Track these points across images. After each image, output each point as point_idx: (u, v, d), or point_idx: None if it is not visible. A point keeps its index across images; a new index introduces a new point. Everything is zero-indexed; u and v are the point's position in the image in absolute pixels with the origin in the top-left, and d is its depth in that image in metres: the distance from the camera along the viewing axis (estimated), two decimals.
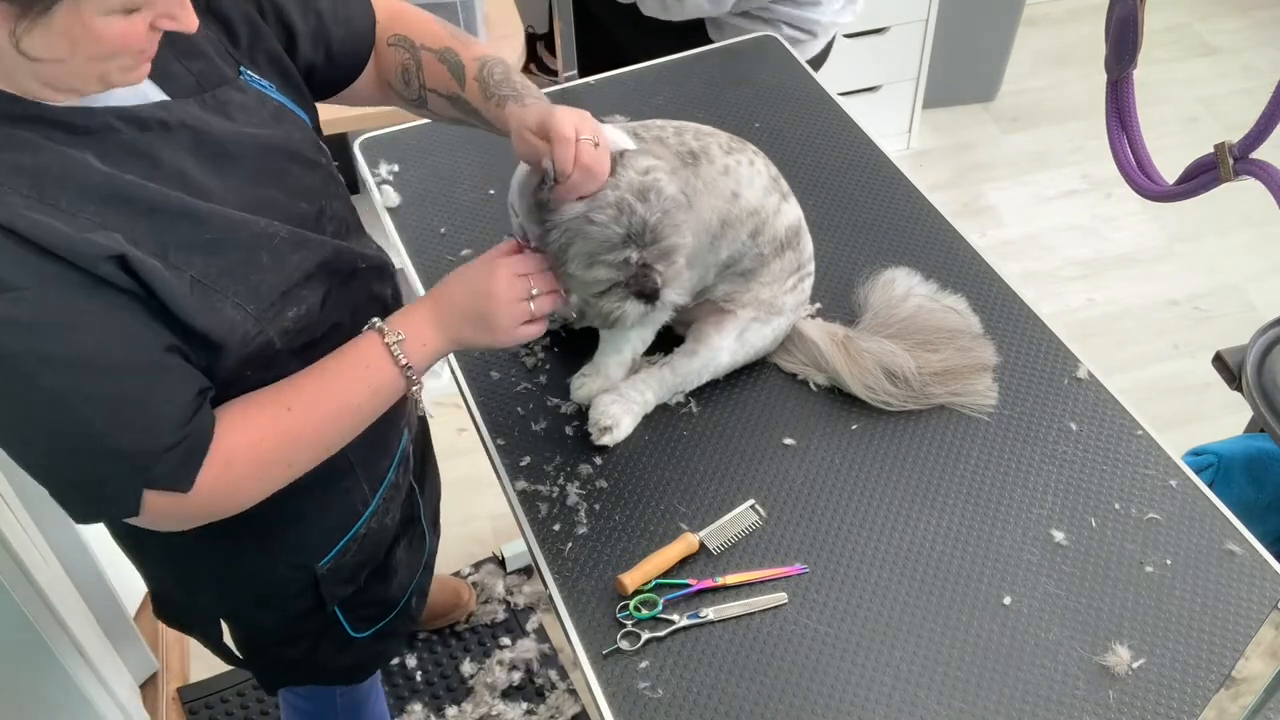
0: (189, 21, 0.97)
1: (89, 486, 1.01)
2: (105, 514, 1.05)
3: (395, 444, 1.34)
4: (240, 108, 1.10)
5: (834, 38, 2.24)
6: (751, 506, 1.37)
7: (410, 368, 1.12)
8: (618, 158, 1.17)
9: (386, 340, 1.11)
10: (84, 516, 1.04)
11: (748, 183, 1.38)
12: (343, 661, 1.44)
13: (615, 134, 1.26)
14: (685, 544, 1.32)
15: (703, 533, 1.34)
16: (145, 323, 0.98)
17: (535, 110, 1.16)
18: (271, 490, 1.10)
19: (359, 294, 1.20)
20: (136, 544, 1.31)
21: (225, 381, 1.07)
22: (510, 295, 1.14)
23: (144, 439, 0.99)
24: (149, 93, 1.04)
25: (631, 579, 1.28)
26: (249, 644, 1.40)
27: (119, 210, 0.97)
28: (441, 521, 1.59)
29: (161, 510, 1.03)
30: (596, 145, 1.13)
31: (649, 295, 1.19)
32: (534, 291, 1.15)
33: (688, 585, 1.30)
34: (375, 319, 1.14)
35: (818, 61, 2.22)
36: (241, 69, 1.13)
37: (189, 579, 1.31)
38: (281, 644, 1.39)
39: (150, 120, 1.02)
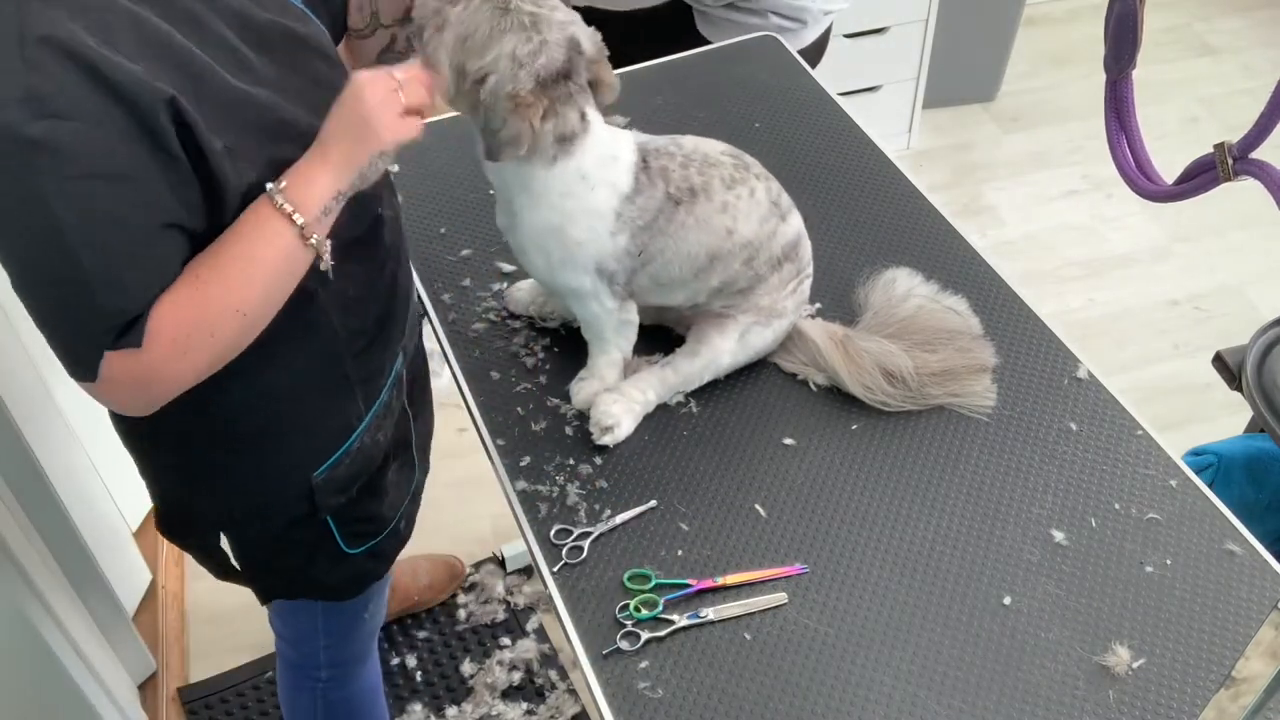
0: None
1: (60, 335, 1.05)
2: (74, 364, 1.06)
3: (390, 364, 1.38)
4: (272, 3, 1.17)
5: (829, 29, 2.23)
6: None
7: (296, 213, 1.09)
8: None
9: (272, 198, 1.10)
10: (66, 367, 1.07)
11: (745, 216, 1.38)
12: (335, 577, 1.48)
13: (625, 144, 1.30)
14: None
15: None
16: (170, 187, 1.02)
17: None
18: (202, 363, 1.10)
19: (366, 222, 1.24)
20: (147, 449, 1.34)
21: None
22: (377, 92, 1.14)
23: (123, 300, 1.03)
24: None
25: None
26: (245, 556, 1.44)
27: (169, 68, 1.01)
28: (441, 521, 1.59)
29: (120, 372, 1.06)
30: None
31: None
32: (400, 78, 1.15)
33: (688, 585, 1.30)
34: (269, 185, 1.11)
35: (814, 53, 2.20)
36: None
37: (193, 484, 1.35)
38: (277, 555, 1.43)
39: None
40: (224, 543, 1.42)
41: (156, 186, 1.02)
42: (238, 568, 1.46)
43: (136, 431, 1.33)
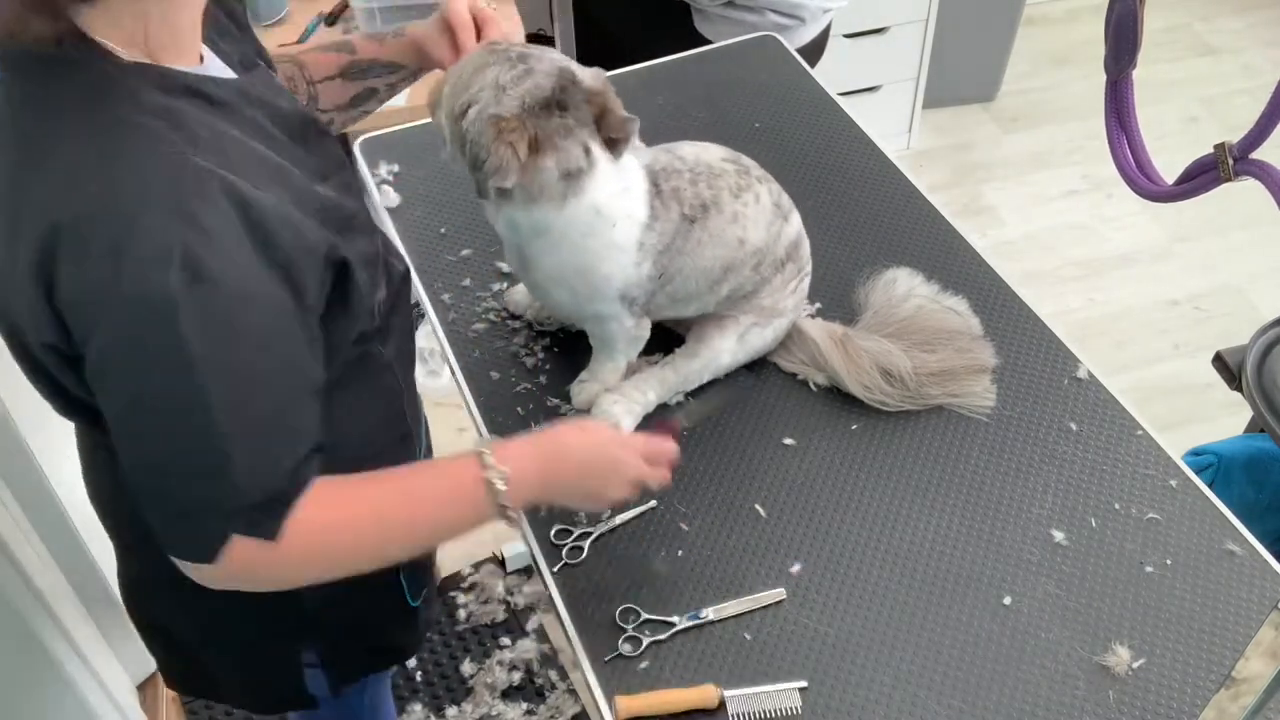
0: None
1: (183, 511, 0.97)
2: (186, 545, 0.98)
3: (420, 401, 1.37)
4: (275, 87, 1.11)
5: (828, 27, 2.23)
6: (798, 689, 1.21)
7: (504, 503, 1.07)
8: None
9: (489, 477, 1.06)
10: (168, 544, 0.99)
11: (754, 224, 1.37)
12: (406, 636, 1.41)
13: (633, 172, 1.29)
14: (702, 696, 1.20)
15: (730, 692, 1.21)
16: (310, 355, 0.98)
17: (427, 21, 1.22)
18: (329, 577, 1.04)
19: (396, 282, 1.21)
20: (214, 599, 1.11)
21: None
22: (627, 478, 1.15)
23: (255, 475, 0.95)
24: (220, 66, 1.05)
25: (627, 705, 1.20)
26: (329, 647, 1.32)
27: (280, 189, 0.95)
28: None
29: (239, 560, 0.97)
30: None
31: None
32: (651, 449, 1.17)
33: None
34: (483, 444, 1.09)
35: (814, 51, 2.20)
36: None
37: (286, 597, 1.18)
38: (358, 635, 1.33)
39: (252, 95, 1.02)
40: (308, 655, 1.31)
41: (299, 346, 0.97)
42: (315, 674, 1.34)
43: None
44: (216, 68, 1.03)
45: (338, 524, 1.01)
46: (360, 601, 1.27)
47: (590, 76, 1.23)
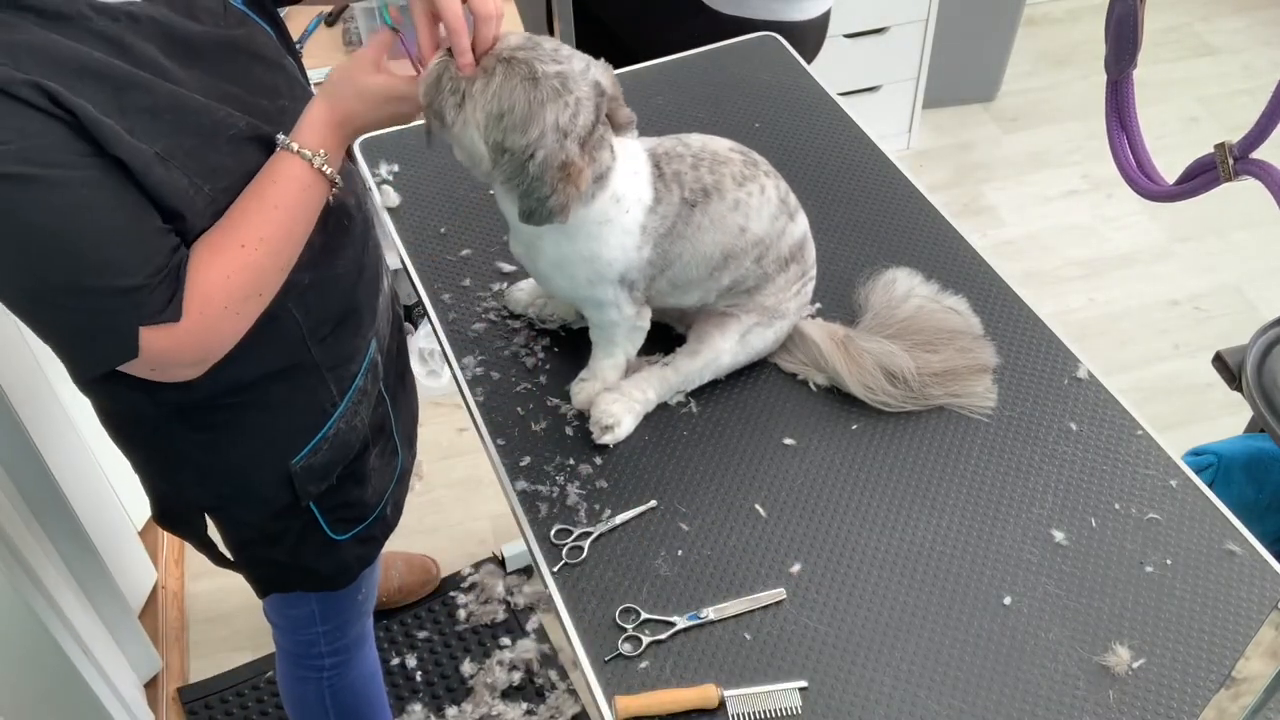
0: None
1: (87, 328, 1.08)
2: (107, 355, 1.10)
3: (363, 350, 1.41)
4: (206, 10, 1.19)
5: (829, 11, 2.21)
6: (798, 689, 1.22)
7: (305, 149, 1.17)
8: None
9: (316, 165, 1.17)
10: (90, 365, 1.11)
11: (756, 213, 1.38)
12: (326, 565, 1.51)
13: (638, 155, 1.30)
14: (703, 695, 1.21)
15: (730, 691, 1.21)
16: (117, 179, 1.06)
17: None
18: (248, 323, 1.17)
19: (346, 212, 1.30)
20: (127, 433, 1.37)
21: None
22: (377, 77, 1.20)
23: (131, 272, 1.06)
24: None
25: (626, 704, 1.20)
26: (237, 544, 1.48)
27: (88, 83, 1.04)
28: (441, 521, 1.60)
29: (159, 349, 1.10)
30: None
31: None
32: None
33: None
34: (281, 137, 1.18)
35: (816, 33, 2.18)
36: None
37: (176, 473, 1.39)
38: (266, 544, 1.46)
39: (118, 11, 1.10)
40: (213, 533, 1.46)
41: (114, 178, 1.05)
42: (230, 557, 1.49)
43: (118, 423, 1.36)
44: None
45: (228, 272, 1.12)
46: (258, 512, 1.41)
47: (607, 81, 1.24)
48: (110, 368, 1.11)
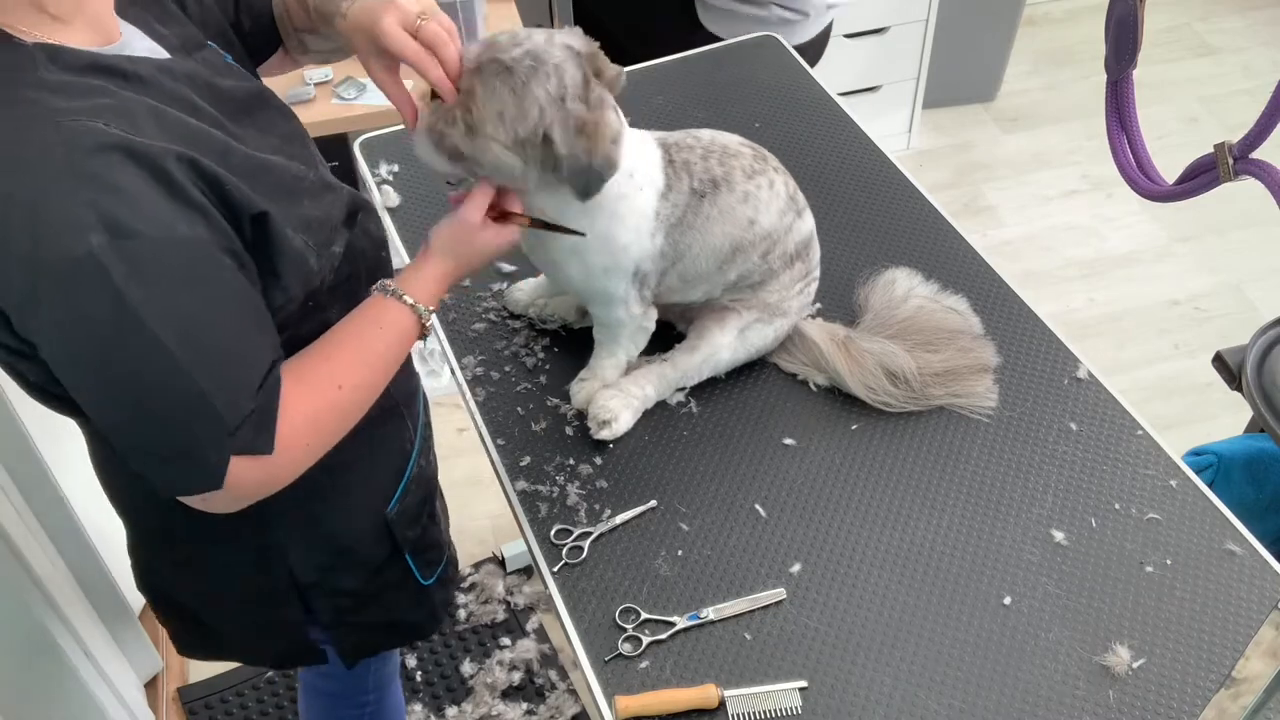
0: None
1: (180, 451, 1.00)
2: (190, 481, 1.02)
3: (418, 382, 1.40)
4: (224, 68, 1.15)
5: (830, 26, 2.23)
6: (798, 689, 1.22)
7: (416, 300, 1.16)
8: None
9: (417, 312, 1.16)
10: (171, 486, 1.03)
11: (765, 207, 1.38)
12: (419, 614, 1.45)
13: (648, 139, 1.31)
14: (703, 695, 1.21)
15: (730, 692, 1.21)
16: (246, 280, 1.01)
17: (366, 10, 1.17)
18: (326, 450, 1.12)
19: (361, 236, 1.24)
20: (216, 538, 1.23)
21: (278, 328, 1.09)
22: (475, 221, 1.21)
23: (233, 399, 0.99)
24: (153, 47, 1.08)
25: (626, 704, 1.20)
26: (332, 619, 1.36)
27: (200, 152, 0.98)
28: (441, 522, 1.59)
29: (242, 478, 1.02)
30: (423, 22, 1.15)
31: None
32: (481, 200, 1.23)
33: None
34: (386, 282, 1.17)
35: (815, 48, 2.20)
36: (208, 40, 1.18)
37: (268, 561, 1.27)
38: (362, 607, 1.37)
39: (177, 71, 1.06)
40: (304, 614, 1.35)
41: (238, 280, 1.00)
42: (320, 635, 1.39)
43: (198, 528, 1.17)
44: (141, 47, 1.06)
45: (318, 411, 1.07)
46: (359, 575, 1.33)
47: (577, 40, 1.24)
48: (191, 494, 1.03)
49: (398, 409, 1.31)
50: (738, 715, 1.20)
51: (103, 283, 0.91)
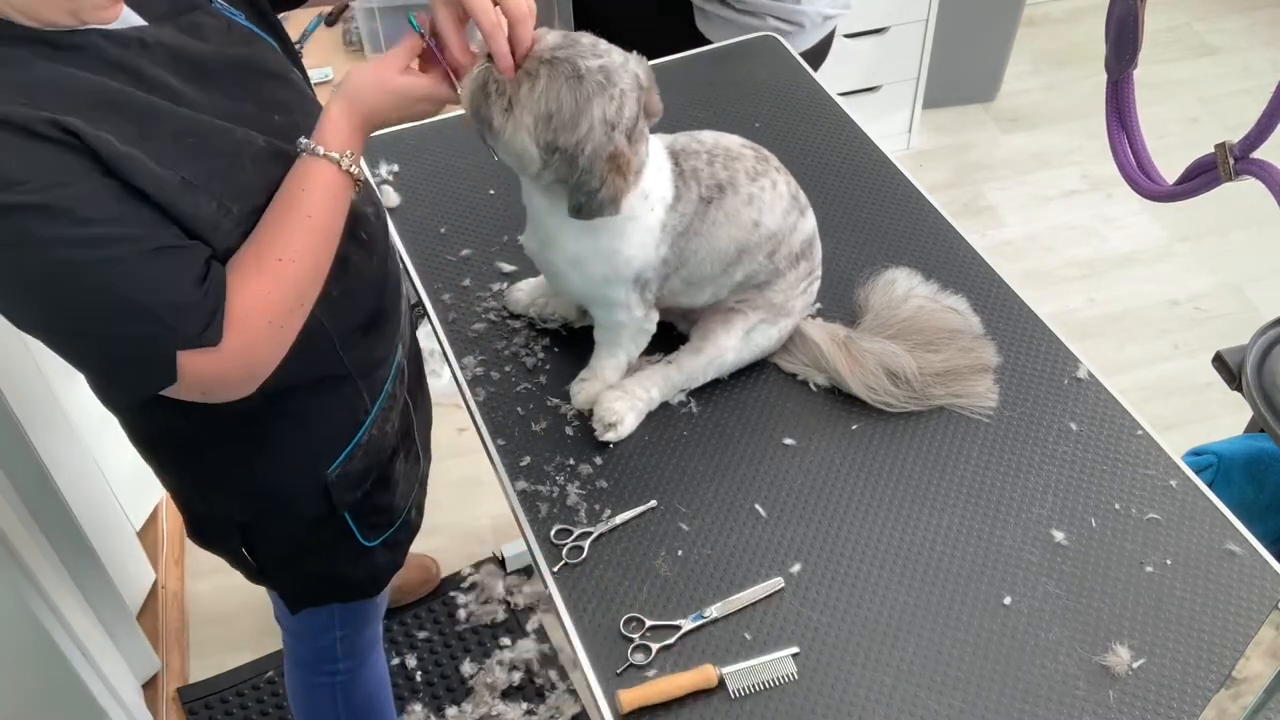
0: None
1: (124, 356, 1.06)
2: (146, 382, 1.08)
3: (390, 356, 1.40)
4: (213, 30, 1.18)
5: (831, 34, 2.24)
6: (791, 656, 1.24)
7: (331, 151, 1.15)
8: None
9: (344, 166, 1.15)
10: (128, 391, 1.10)
11: (769, 208, 1.38)
12: (358, 572, 1.51)
13: (660, 152, 1.31)
14: (702, 676, 1.22)
15: (727, 669, 1.23)
16: (142, 205, 1.05)
17: None
18: (290, 339, 1.15)
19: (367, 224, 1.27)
20: (162, 453, 1.36)
21: None
22: (404, 78, 1.19)
23: (165, 297, 1.03)
24: (129, 18, 1.12)
25: (630, 698, 1.21)
26: (271, 560, 1.45)
27: (109, 116, 1.03)
28: (441, 521, 1.60)
29: (198, 373, 1.07)
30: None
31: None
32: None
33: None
34: (302, 140, 1.16)
35: (816, 56, 2.21)
36: None
37: (210, 490, 1.37)
38: (301, 558, 1.45)
39: (129, 39, 1.10)
40: (246, 548, 1.44)
41: (131, 208, 1.04)
42: (262, 570, 1.47)
43: (152, 443, 1.35)
44: (120, 19, 1.10)
45: (265, 291, 1.10)
46: (294, 525, 1.40)
47: (645, 73, 1.24)
48: (148, 394, 1.09)
49: (350, 378, 1.32)
50: (738, 690, 1.21)
51: (9, 224, 0.98)
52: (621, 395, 1.43)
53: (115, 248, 1.01)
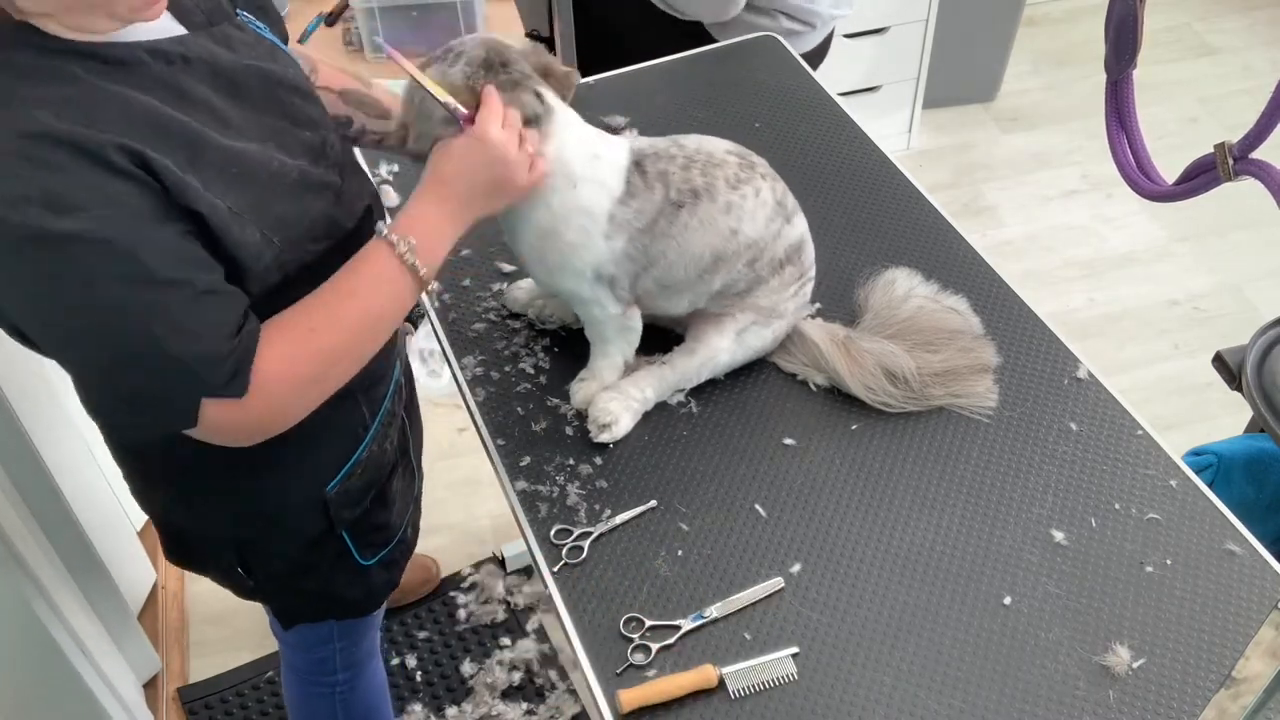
0: None
1: (149, 396, 1.05)
2: (162, 424, 1.08)
3: (389, 373, 1.40)
4: (241, 43, 1.17)
5: (832, 32, 2.24)
6: (791, 656, 1.24)
7: (424, 272, 1.16)
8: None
9: (399, 251, 1.15)
10: (141, 429, 1.10)
11: (750, 216, 1.38)
12: (355, 591, 1.49)
13: (612, 145, 1.32)
14: (702, 676, 1.22)
15: (727, 669, 1.23)
16: (196, 243, 1.04)
17: None
18: (313, 406, 1.14)
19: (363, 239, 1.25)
20: (149, 472, 1.34)
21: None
22: (513, 149, 1.21)
23: (201, 346, 1.02)
24: (169, 26, 1.10)
25: (630, 698, 1.21)
26: (266, 578, 1.43)
27: (163, 140, 1.02)
28: (441, 522, 1.60)
29: (217, 421, 1.07)
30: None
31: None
32: (519, 129, 1.23)
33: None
34: (381, 225, 1.17)
35: (816, 56, 2.21)
36: (238, 9, 1.20)
37: (201, 506, 1.34)
38: (296, 575, 1.43)
39: (173, 54, 1.08)
40: (241, 567, 1.41)
41: (191, 242, 1.03)
42: (257, 588, 1.45)
43: (141, 464, 1.33)
44: (158, 27, 1.09)
45: (294, 358, 1.09)
46: (292, 544, 1.38)
47: (519, 43, 1.28)
48: (161, 434, 1.09)
49: (352, 394, 1.31)
50: (738, 690, 1.21)
51: (51, 254, 0.96)
52: (616, 396, 1.43)
53: (166, 294, 1.00)
